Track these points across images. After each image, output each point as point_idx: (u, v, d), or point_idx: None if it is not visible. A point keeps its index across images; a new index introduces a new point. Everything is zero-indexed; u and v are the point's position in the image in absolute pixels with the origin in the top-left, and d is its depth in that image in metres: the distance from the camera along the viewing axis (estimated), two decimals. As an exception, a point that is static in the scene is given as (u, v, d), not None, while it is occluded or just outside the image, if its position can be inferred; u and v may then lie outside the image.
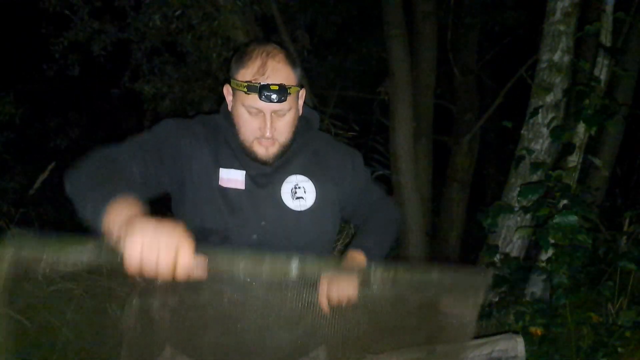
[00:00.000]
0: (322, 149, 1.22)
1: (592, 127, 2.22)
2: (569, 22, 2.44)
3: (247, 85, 1.06)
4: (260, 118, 1.08)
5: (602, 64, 2.32)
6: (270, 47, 1.10)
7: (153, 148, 1.10)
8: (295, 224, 1.15)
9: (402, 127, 3.33)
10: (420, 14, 3.63)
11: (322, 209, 1.18)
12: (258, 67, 1.07)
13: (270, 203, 1.14)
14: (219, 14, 2.86)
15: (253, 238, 1.12)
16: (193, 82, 3.54)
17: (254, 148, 1.11)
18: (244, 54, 1.10)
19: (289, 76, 1.09)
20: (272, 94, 1.05)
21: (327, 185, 1.19)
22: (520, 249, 2.63)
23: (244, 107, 1.08)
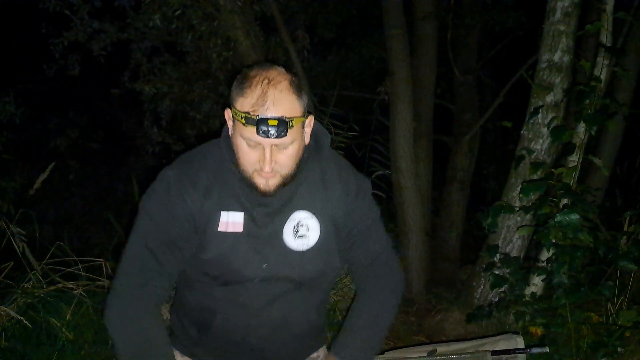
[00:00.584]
0: (328, 177, 1.14)
1: (592, 126, 2.22)
2: (569, 22, 2.44)
3: (245, 117, 0.97)
4: (260, 151, 1.00)
5: (602, 63, 2.32)
6: (274, 72, 1.01)
7: (162, 240, 1.06)
8: (298, 264, 1.11)
9: (402, 127, 3.34)
10: (420, 14, 3.63)
11: (327, 245, 1.13)
12: (257, 97, 0.98)
13: (271, 244, 1.09)
14: (219, 14, 2.86)
15: (255, 281, 1.11)
16: (193, 82, 3.54)
17: (254, 179, 1.04)
18: (244, 79, 1.01)
19: (293, 106, 0.99)
20: (271, 129, 0.96)
21: (332, 217, 1.13)
22: (520, 248, 2.63)
23: (242, 139, 1.00)
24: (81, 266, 2.65)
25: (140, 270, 1.06)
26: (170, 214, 1.06)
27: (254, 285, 1.11)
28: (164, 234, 1.06)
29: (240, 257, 1.09)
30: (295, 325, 1.19)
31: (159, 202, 1.07)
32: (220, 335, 1.17)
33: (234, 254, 1.08)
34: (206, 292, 1.14)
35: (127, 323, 1.05)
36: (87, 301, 2.55)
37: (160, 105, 3.62)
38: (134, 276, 1.06)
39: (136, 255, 1.07)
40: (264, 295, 1.13)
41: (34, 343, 2.40)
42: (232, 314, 1.15)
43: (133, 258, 1.07)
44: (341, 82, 4.06)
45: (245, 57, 2.95)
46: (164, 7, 3.02)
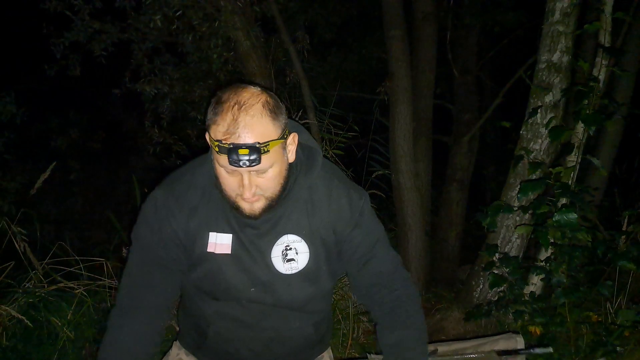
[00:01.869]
0: (317, 198, 1.09)
1: (591, 127, 2.23)
2: (568, 23, 2.45)
3: (218, 146, 0.93)
4: (238, 177, 0.97)
5: (600, 64, 2.33)
6: (246, 94, 0.95)
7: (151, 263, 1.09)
8: (286, 288, 1.10)
9: (402, 127, 3.34)
10: (420, 14, 3.64)
11: (316, 268, 1.10)
12: (228, 124, 0.92)
13: (259, 267, 1.08)
14: (220, 15, 2.87)
15: (243, 302, 1.11)
16: (194, 83, 3.55)
17: (238, 203, 1.00)
18: (217, 104, 0.95)
19: (266, 130, 0.94)
20: (242, 158, 0.91)
21: (322, 240, 1.10)
22: (519, 248, 2.64)
23: (219, 165, 0.97)
24: (82, 266, 2.66)
25: (134, 288, 1.11)
26: (157, 236, 1.07)
27: (243, 304, 1.12)
28: (152, 256, 1.09)
29: (227, 278, 1.09)
30: (290, 340, 1.18)
31: (146, 224, 1.09)
32: (215, 345, 1.19)
33: (222, 274, 1.08)
34: (200, 303, 1.15)
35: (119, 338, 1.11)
36: (88, 300, 2.56)
37: (161, 106, 3.63)
38: (128, 296, 1.12)
39: (129, 275, 1.12)
40: (255, 312, 1.13)
41: (35, 342, 2.41)
42: (224, 327, 1.16)
43: (127, 278, 1.12)
44: (341, 83, 4.07)
45: (246, 58, 2.96)
46: (165, 7, 3.03)
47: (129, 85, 3.65)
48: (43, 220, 3.73)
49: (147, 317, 1.10)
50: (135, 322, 1.10)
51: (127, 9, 3.31)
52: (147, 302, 1.10)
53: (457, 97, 4.43)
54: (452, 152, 4.27)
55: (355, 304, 2.84)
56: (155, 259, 1.09)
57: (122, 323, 1.10)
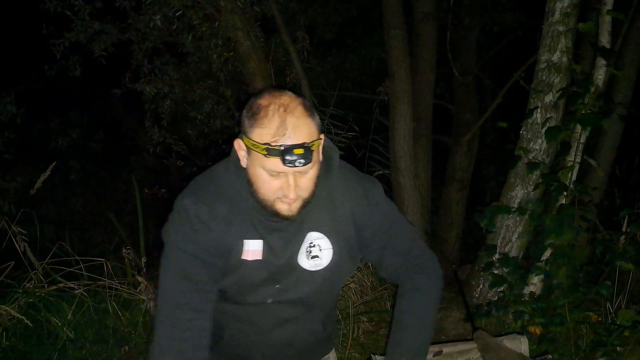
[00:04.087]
0: (336, 194, 1.11)
1: (586, 127, 2.23)
2: (568, 23, 2.45)
3: (267, 149, 0.94)
4: (282, 179, 0.98)
5: (598, 64, 2.33)
6: (286, 98, 0.98)
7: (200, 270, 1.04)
8: (310, 284, 1.12)
9: (402, 127, 3.34)
10: (420, 14, 3.64)
11: (339, 264, 1.13)
12: (277, 126, 0.94)
13: (286, 268, 1.10)
14: (220, 15, 2.87)
15: (268, 302, 1.12)
16: (194, 83, 3.55)
17: (275, 207, 1.02)
18: (258, 109, 0.97)
19: (310, 130, 0.97)
20: (296, 158, 0.93)
21: (344, 235, 1.12)
22: (519, 248, 2.64)
23: (262, 169, 0.98)
24: (82, 266, 2.66)
25: (184, 306, 1.03)
26: (198, 245, 1.04)
27: (265, 307, 1.13)
28: (198, 263, 1.04)
29: (257, 282, 1.10)
30: (301, 342, 1.21)
31: (184, 234, 1.04)
32: (228, 349, 1.19)
33: (251, 279, 1.09)
34: (220, 307, 1.14)
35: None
36: (88, 301, 2.56)
37: (161, 106, 3.63)
38: (179, 314, 1.03)
39: (176, 290, 1.04)
40: (273, 317, 1.15)
41: (35, 342, 2.42)
42: (239, 332, 1.16)
43: (174, 295, 1.04)
44: (341, 83, 4.07)
45: (246, 58, 2.96)
46: (165, 7, 3.03)
47: (129, 85, 3.65)
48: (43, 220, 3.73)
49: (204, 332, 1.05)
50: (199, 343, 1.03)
51: (127, 9, 3.31)
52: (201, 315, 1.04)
53: (457, 97, 4.43)
54: (452, 152, 4.27)
55: (355, 304, 2.84)
56: (203, 268, 1.04)
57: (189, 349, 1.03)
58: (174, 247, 1.05)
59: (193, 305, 1.03)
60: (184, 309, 1.03)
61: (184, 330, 1.02)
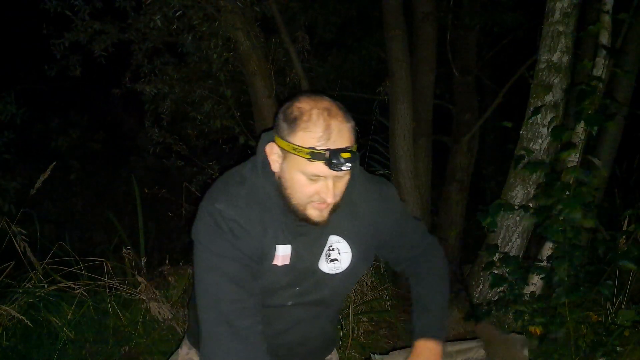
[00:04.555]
0: (357, 197, 1.12)
1: (593, 126, 2.23)
2: (568, 23, 2.45)
3: (311, 153, 0.94)
4: (321, 183, 0.98)
5: (601, 63, 2.33)
6: (327, 102, 0.98)
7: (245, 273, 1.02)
8: (328, 286, 1.13)
9: (402, 127, 3.35)
10: (420, 14, 3.64)
11: (356, 267, 1.15)
12: (322, 130, 0.94)
13: (308, 271, 1.11)
14: (220, 15, 2.87)
15: (288, 304, 1.13)
16: (194, 83, 3.55)
17: (307, 211, 1.02)
18: (300, 113, 0.96)
19: (351, 134, 0.98)
20: (344, 162, 0.94)
21: (362, 238, 1.14)
22: (519, 248, 2.64)
23: (302, 174, 0.98)
24: (82, 266, 2.66)
25: (242, 313, 1.01)
26: (241, 251, 1.02)
27: (285, 309, 1.13)
28: (242, 267, 1.02)
29: (281, 287, 1.10)
30: (312, 342, 1.24)
31: (227, 241, 1.01)
32: None
33: (277, 284, 1.10)
34: None
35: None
36: (88, 301, 2.56)
37: (161, 106, 3.63)
38: (239, 322, 1.00)
39: (231, 298, 1.01)
40: (290, 319, 1.15)
41: (35, 342, 2.41)
42: None
43: (230, 304, 1.00)
44: (341, 83, 4.08)
45: (246, 58, 2.96)
46: (165, 7, 3.03)
47: (129, 85, 3.66)
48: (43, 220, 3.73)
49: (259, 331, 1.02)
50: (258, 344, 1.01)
51: (127, 9, 3.31)
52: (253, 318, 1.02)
53: (457, 97, 4.43)
54: (452, 152, 4.27)
55: (355, 304, 2.84)
56: (246, 269, 1.03)
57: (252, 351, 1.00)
58: (219, 255, 1.02)
59: (251, 311, 1.02)
60: (242, 316, 1.00)
61: (247, 337, 1.00)
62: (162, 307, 2.59)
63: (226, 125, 3.56)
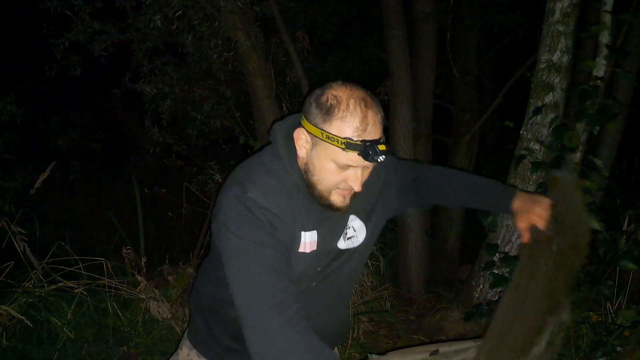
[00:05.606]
0: None
1: (594, 126, 2.23)
2: (568, 23, 2.45)
3: (347, 143, 0.94)
4: (349, 172, 0.99)
5: (601, 63, 2.33)
6: (361, 92, 0.98)
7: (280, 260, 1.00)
8: (346, 262, 1.16)
9: (402, 127, 3.35)
10: (420, 14, 3.64)
11: (371, 240, 1.18)
12: (359, 121, 0.94)
13: (330, 252, 1.12)
14: (220, 15, 2.87)
15: (312, 285, 1.13)
16: (194, 83, 3.55)
17: (331, 198, 1.03)
18: (336, 102, 0.95)
19: (382, 125, 0.99)
20: (380, 154, 0.94)
21: (374, 213, 1.17)
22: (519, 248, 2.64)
23: (333, 162, 0.98)
24: (82, 265, 2.66)
25: (287, 301, 0.97)
26: (276, 239, 1.01)
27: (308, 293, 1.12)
28: (281, 255, 1.01)
29: (309, 272, 1.10)
30: (332, 328, 1.25)
31: (261, 229, 0.99)
32: None
33: (306, 271, 1.10)
34: None
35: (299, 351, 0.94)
36: (87, 300, 2.56)
37: (161, 106, 3.63)
38: (286, 311, 0.96)
39: (275, 287, 0.97)
40: (313, 303, 1.14)
41: (35, 342, 2.41)
42: None
43: (275, 293, 0.96)
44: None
45: (246, 58, 2.96)
46: (165, 7, 3.03)
47: (129, 85, 3.65)
48: (43, 220, 3.73)
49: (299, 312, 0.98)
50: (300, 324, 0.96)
51: (127, 9, 3.31)
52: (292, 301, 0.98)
53: (457, 97, 4.43)
54: (452, 152, 4.26)
55: (355, 304, 2.84)
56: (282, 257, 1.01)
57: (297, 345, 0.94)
58: (258, 244, 0.99)
59: (294, 298, 0.98)
60: (289, 305, 0.97)
61: (297, 323, 0.96)
62: (161, 306, 2.60)
63: (226, 125, 3.55)
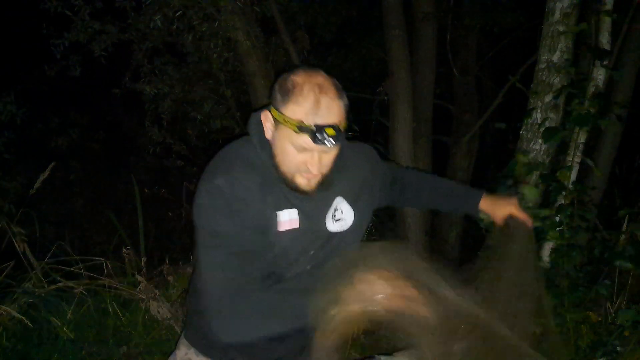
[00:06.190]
0: (346, 161, 1.18)
1: (583, 127, 2.23)
2: (568, 23, 2.45)
3: (299, 126, 0.97)
4: (307, 155, 1.02)
5: (598, 64, 2.33)
6: (320, 77, 1.02)
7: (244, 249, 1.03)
8: (339, 245, 1.17)
9: (402, 127, 3.34)
10: (420, 14, 3.64)
11: (360, 223, 1.20)
12: (311, 105, 0.98)
13: (318, 233, 1.14)
14: (220, 15, 2.87)
15: (307, 269, 1.14)
16: (194, 83, 3.55)
17: (295, 180, 1.06)
18: (292, 86, 1.00)
19: (341, 111, 1.02)
20: (328, 138, 0.98)
21: (360, 197, 1.20)
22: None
23: (291, 144, 1.01)
24: (82, 265, 2.67)
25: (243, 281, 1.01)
26: (239, 224, 1.03)
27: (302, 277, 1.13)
28: (242, 243, 1.03)
29: (297, 250, 1.11)
30: None
31: (223, 215, 1.02)
32: None
33: (292, 249, 1.11)
34: None
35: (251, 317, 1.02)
36: (87, 300, 2.56)
37: (161, 106, 3.63)
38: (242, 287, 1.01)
39: (230, 270, 1.02)
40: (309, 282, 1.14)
41: (35, 342, 2.41)
42: None
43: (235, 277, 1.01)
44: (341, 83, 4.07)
45: (246, 58, 2.96)
46: (165, 8, 3.03)
47: (129, 85, 3.65)
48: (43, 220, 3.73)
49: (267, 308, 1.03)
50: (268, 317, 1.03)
51: (127, 9, 3.31)
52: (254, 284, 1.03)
53: (457, 97, 4.43)
54: (452, 152, 4.27)
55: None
56: (247, 246, 1.03)
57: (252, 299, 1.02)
58: (216, 231, 1.03)
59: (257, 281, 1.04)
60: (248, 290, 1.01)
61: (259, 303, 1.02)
62: (161, 306, 2.60)
63: (226, 125, 3.55)
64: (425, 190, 1.43)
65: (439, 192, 1.44)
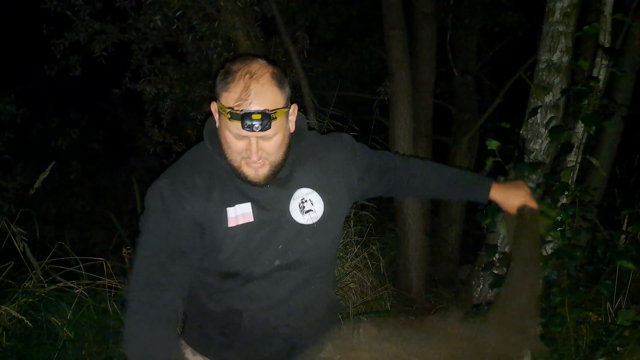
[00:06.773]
0: (317, 152, 1.19)
1: (590, 127, 2.23)
2: (568, 23, 2.45)
3: (230, 112, 1.00)
4: (246, 141, 1.03)
5: (600, 64, 2.33)
6: (255, 65, 1.03)
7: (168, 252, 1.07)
8: (311, 238, 1.15)
9: (401, 127, 3.34)
10: (420, 14, 3.64)
11: (333, 214, 1.18)
12: (241, 91, 1.00)
13: (283, 225, 1.12)
14: (220, 15, 2.87)
15: (276, 264, 1.13)
16: (194, 83, 3.55)
17: (242, 169, 1.06)
18: (227, 74, 1.03)
19: (275, 99, 1.02)
20: (255, 123, 0.99)
21: (332, 188, 1.18)
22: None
23: (229, 132, 1.03)
24: (82, 265, 2.66)
25: (148, 286, 1.07)
26: (170, 224, 1.07)
27: (275, 274, 1.13)
28: (168, 245, 1.07)
29: (256, 245, 1.11)
30: (319, 306, 1.24)
31: (156, 215, 1.08)
32: (250, 333, 1.18)
33: (250, 244, 1.10)
34: (228, 295, 1.14)
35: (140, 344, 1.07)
36: (88, 300, 2.56)
37: (161, 106, 3.63)
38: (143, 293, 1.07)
39: (143, 271, 1.08)
40: (287, 284, 1.15)
41: (35, 342, 2.41)
42: (259, 310, 1.16)
43: (141, 275, 1.08)
44: (341, 83, 4.07)
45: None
46: (165, 8, 3.03)
47: (129, 85, 3.65)
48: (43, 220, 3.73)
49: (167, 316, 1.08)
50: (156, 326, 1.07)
51: (127, 9, 3.31)
52: (165, 299, 1.07)
53: (457, 97, 4.43)
54: (452, 152, 4.27)
55: (355, 304, 2.84)
56: (172, 249, 1.07)
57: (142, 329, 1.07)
58: (148, 230, 1.09)
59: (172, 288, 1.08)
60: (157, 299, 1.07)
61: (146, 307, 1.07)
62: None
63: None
64: (434, 180, 1.38)
65: (448, 180, 1.38)
